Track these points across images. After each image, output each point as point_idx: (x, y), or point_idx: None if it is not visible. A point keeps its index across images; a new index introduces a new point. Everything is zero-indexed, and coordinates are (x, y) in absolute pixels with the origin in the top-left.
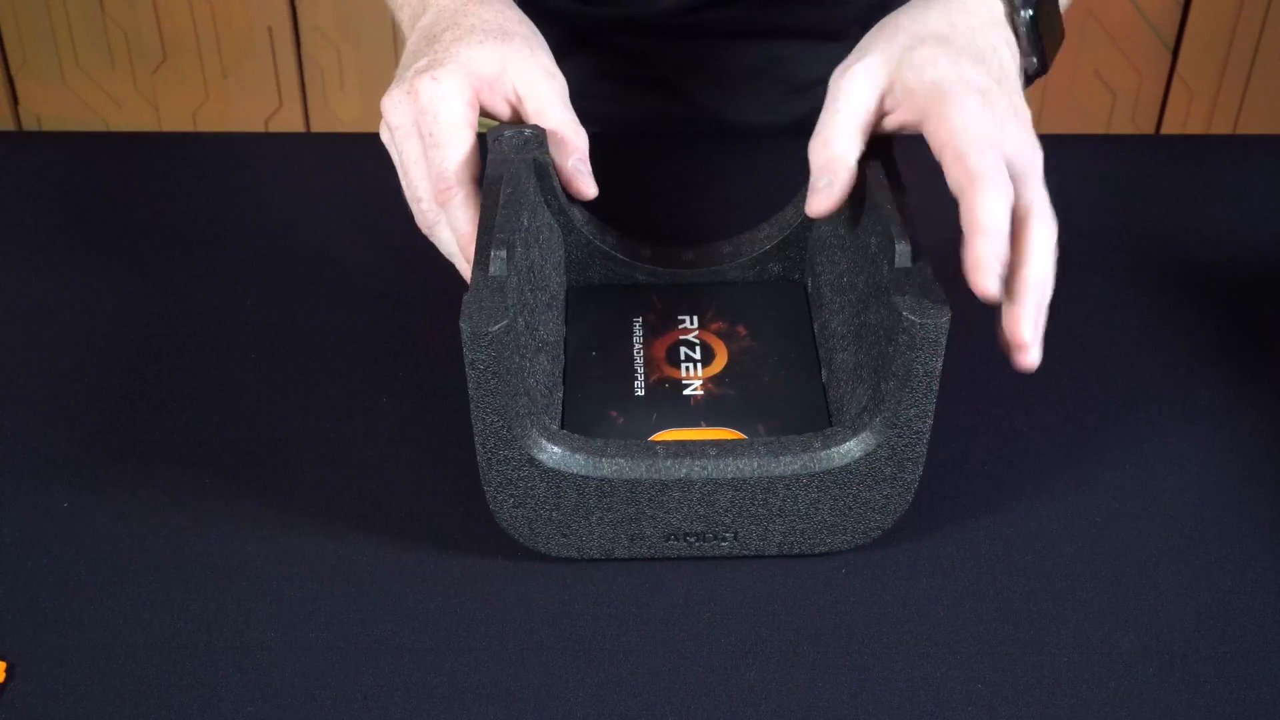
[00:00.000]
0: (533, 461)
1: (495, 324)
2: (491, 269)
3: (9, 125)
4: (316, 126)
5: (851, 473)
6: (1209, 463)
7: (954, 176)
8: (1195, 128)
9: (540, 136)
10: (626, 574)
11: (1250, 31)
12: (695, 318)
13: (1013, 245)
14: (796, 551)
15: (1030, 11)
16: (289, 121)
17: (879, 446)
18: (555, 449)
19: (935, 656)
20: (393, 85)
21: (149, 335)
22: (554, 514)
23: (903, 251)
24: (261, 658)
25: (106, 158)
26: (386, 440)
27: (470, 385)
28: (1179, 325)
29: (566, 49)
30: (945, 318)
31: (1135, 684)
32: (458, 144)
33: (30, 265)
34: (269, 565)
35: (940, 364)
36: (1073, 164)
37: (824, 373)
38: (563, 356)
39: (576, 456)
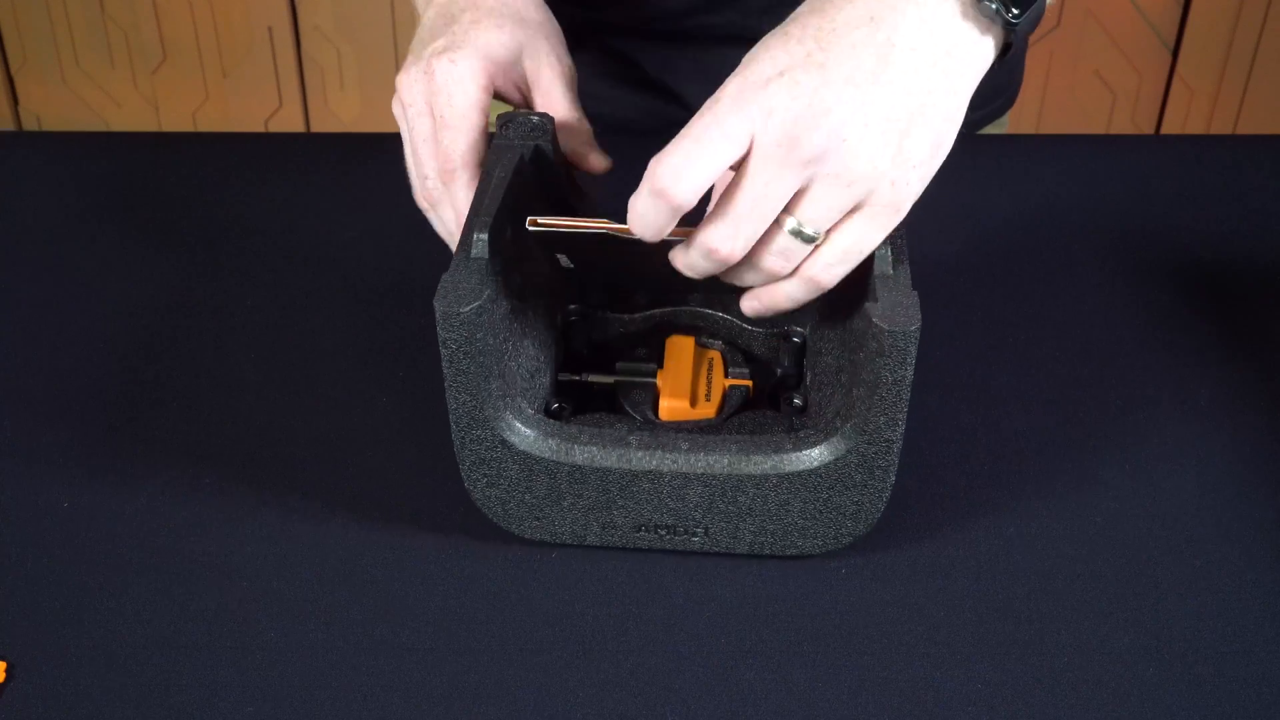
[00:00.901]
0: (504, 444)
1: (467, 305)
2: (473, 251)
3: (9, 125)
4: (316, 126)
5: (821, 477)
6: (1209, 463)
7: None
8: (1195, 128)
9: (547, 124)
10: (627, 573)
11: (1250, 31)
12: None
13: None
14: (767, 552)
15: None
16: (289, 121)
17: (849, 452)
18: (528, 432)
19: (935, 656)
20: (408, 62)
21: (149, 335)
22: (526, 496)
23: (882, 256)
24: (261, 658)
25: (106, 158)
26: (386, 440)
27: (444, 364)
28: (1179, 325)
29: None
30: (914, 327)
31: (1135, 684)
32: (468, 128)
33: (30, 265)
34: (269, 565)
35: (909, 374)
36: (1073, 164)
37: (809, 375)
38: (554, 343)
39: (549, 441)
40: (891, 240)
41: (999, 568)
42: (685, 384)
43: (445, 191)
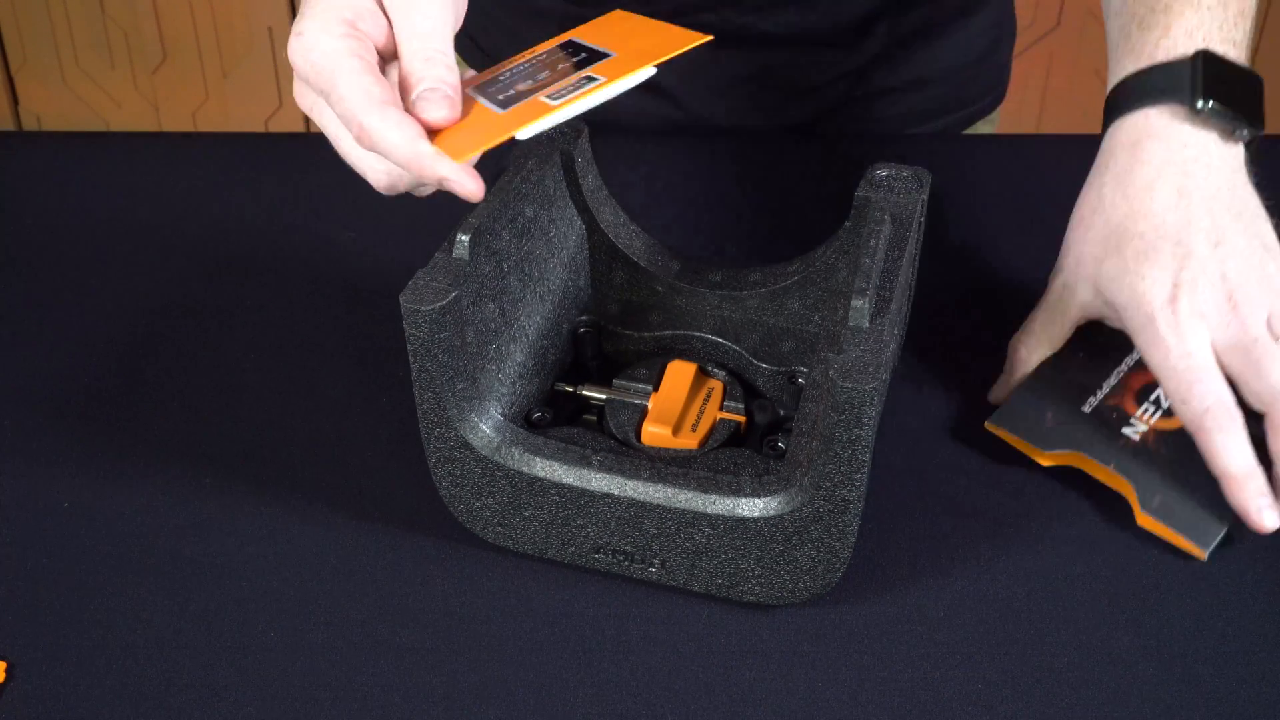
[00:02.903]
0: (466, 446)
1: (431, 303)
2: (455, 251)
3: (9, 125)
4: (316, 126)
5: (776, 527)
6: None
7: (1178, 411)
8: None
9: (578, 127)
10: (626, 573)
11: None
12: None
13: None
14: (724, 595)
15: (1214, 103)
16: (289, 121)
17: (804, 506)
18: (491, 437)
19: (935, 656)
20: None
21: (149, 335)
22: (489, 501)
23: (858, 309)
24: (261, 658)
25: (106, 158)
26: (386, 440)
27: (410, 360)
28: None
29: None
30: (870, 386)
31: (1135, 684)
32: (345, 75)
33: (30, 265)
34: (269, 565)
35: (866, 433)
36: (1073, 164)
37: (795, 420)
38: (553, 351)
39: (511, 449)
40: (872, 294)
41: (999, 568)
42: (674, 411)
43: (372, 152)
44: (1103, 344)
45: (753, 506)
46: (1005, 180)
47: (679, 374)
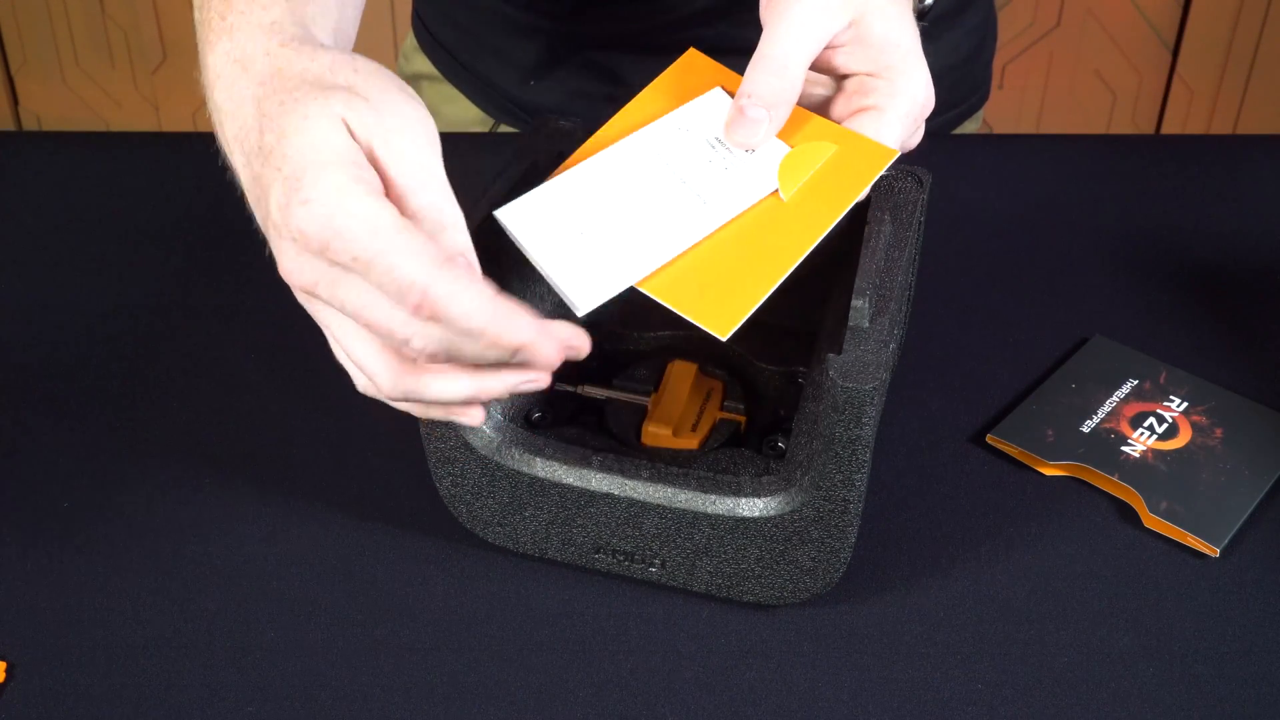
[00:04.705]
0: (467, 446)
1: None
2: None
3: (9, 125)
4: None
5: (776, 527)
6: None
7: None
8: (1195, 128)
9: (580, 131)
10: (626, 573)
11: (1250, 31)
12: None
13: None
14: (724, 595)
15: None
16: None
17: (804, 506)
18: (492, 437)
19: (935, 656)
20: (271, 247)
21: (149, 335)
22: (489, 501)
23: (858, 308)
24: (261, 658)
25: (106, 158)
26: (386, 440)
27: None
28: (1179, 325)
29: (545, 68)
30: (870, 386)
31: (1135, 684)
32: (391, 237)
33: (30, 265)
34: (269, 565)
35: (866, 433)
36: (1073, 164)
37: (794, 420)
38: None
39: (511, 450)
40: (873, 294)
41: (999, 568)
42: (674, 411)
43: (431, 342)
44: (1095, 376)
45: (753, 506)
46: (1005, 180)
47: (680, 374)
